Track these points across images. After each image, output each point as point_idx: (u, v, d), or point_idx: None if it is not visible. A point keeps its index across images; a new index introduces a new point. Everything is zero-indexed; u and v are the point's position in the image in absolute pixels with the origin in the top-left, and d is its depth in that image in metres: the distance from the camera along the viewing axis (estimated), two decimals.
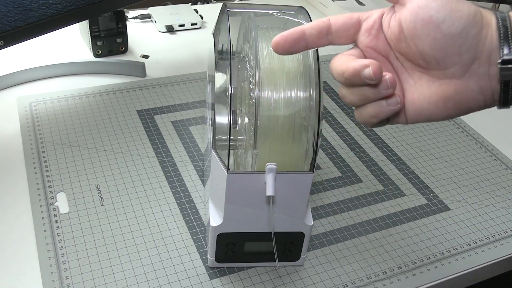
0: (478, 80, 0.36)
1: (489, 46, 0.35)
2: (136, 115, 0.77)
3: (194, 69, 0.89)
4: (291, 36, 0.39)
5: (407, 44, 0.37)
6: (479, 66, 0.35)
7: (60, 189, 0.63)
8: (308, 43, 0.39)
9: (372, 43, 0.39)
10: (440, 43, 0.35)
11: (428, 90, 0.37)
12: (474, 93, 0.36)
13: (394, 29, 0.37)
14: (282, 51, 0.39)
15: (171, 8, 1.06)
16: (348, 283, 0.56)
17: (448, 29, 0.34)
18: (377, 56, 0.39)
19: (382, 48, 0.39)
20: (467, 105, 0.37)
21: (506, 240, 0.63)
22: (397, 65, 0.39)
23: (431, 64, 0.36)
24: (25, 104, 0.77)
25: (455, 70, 0.36)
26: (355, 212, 0.65)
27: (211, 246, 0.53)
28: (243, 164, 0.50)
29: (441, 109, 0.37)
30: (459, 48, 0.35)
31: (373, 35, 0.39)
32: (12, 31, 0.66)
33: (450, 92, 0.36)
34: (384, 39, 0.39)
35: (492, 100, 0.36)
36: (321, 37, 0.39)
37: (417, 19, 0.35)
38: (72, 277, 0.53)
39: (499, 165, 0.75)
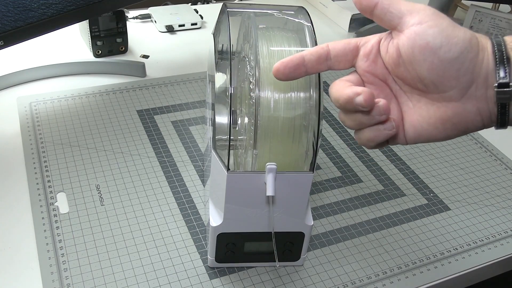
0: (475, 103, 0.37)
1: (485, 70, 0.36)
2: (136, 115, 0.77)
3: (194, 69, 0.89)
4: (291, 62, 0.40)
5: (405, 68, 0.37)
6: (476, 89, 0.36)
7: (60, 189, 0.63)
8: (308, 69, 0.40)
9: (370, 68, 0.40)
10: (437, 68, 0.36)
11: (427, 112, 0.38)
12: (472, 115, 0.37)
13: (392, 54, 0.38)
14: (283, 77, 0.40)
15: (171, 8, 1.06)
16: (348, 283, 0.56)
17: (445, 54, 0.35)
18: (375, 80, 0.40)
19: (380, 72, 0.40)
20: (465, 126, 0.38)
21: (506, 240, 0.63)
22: (395, 88, 0.40)
23: (430, 88, 0.37)
24: (25, 104, 0.77)
25: (453, 93, 0.37)
26: (355, 212, 0.65)
27: (211, 246, 0.53)
28: (243, 164, 0.50)
29: (439, 131, 0.38)
30: (456, 72, 0.36)
31: (371, 60, 0.40)
32: (12, 31, 0.66)
33: (448, 114, 0.37)
34: (382, 63, 0.40)
35: (490, 121, 0.37)
36: (320, 63, 0.40)
37: (415, 45, 0.36)
38: (72, 277, 0.53)
39: (499, 165, 0.75)
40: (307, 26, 0.49)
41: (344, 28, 1.08)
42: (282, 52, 0.47)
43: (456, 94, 0.37)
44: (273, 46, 0.47)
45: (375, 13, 0.38)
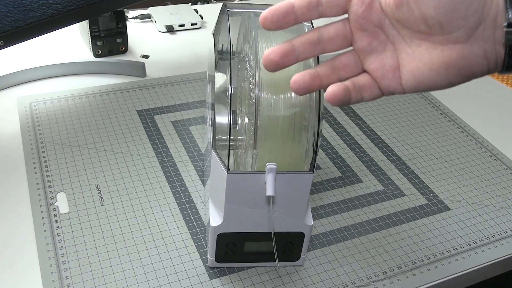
0: (483, 45, 0.35)
1: (495, 9, 0.34)
2: (136, 115, 0.77)
3: (194, 69, 0.89)
4: (279, 9, 0.37)
5: (409, 8, 0.35)
6: (484, 29, 0.34)
7: (60, 189, 0.63)
8: (298, 16, 0.38)
9: (365, 13, 0.38)
10: (445, 6, 0.34)
11: (429, 57, 0.36)
12: (478, 58, 0.35)
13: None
14: (271, 25, 0.38)
15: (171, 8, 1.06)
16: (348, 283, 0.56)
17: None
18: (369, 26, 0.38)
19: (376, 17, 0.38)
20: (470, 70, 0.36)
21: (506, 240, 0.63)
22: (392, 33, 0.38)
23: (434, 29, 0.35)
24: (25, 104, 0.77)
25: (459, 34, 0.35)
26: (355, 212, 0.65)
27: (211, 246, 0.53)
28: (243, 164, 0.50)
29: (442, 76, 0.36)
30: (465, 11, 0.34)
31: (366, 4, 0.37)
32: (12, 31, 0.66)
33: (453, 57, 0.35)
34: (379, 7, 0.37)
35: (495, 65, 0.36)
36: (311, 9, 0.38)
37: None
38: (72, 277, 0.53)
39: (499, 165, 0.75)
40: (307, 26, 0.49)
41: None
42: None
43: (463, 35, 0.35)
44: (273, 46, 0.47)
45: None
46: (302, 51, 0.39)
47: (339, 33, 0.39)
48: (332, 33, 0.39)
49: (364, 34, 0.38)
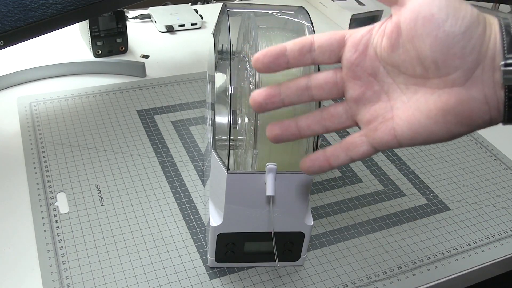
0: (482, 88, 0.33)
1: (492, 49, 0.32)
2: (136, 115, 0.77)
3: (194, 69, 0.89)
4: (271, 51, 0.37)
5: (404, 49, 0.34)
6: (483, 71, 0.33)
7: (60, 189, 0.63)
8: (290, 60, 0.37)
9: (359, 60, 0.37)
10: (442, 44, 0.32)
11: (426, 103, 0.35)
12: (477, 103, 0.33)
13: (390, 35, 0.35)
14: (262, 66, 0.37)
15: (171, 8, 1.06)
16: (348, 283, 0.56)
17: (451, 28, 0.32)
18: (363, 75, 0.37)
19: (369, 65, 0.37)
20: (470, 117, 0.34)
21: (506, 240, 0.63)
22: (387, 82, 0.37)
23: (430, 71, 0.34)
24: (25, 104, 0.77)
25: (456, 76, 0.33)
26: (355, 212, 0.65)
27: (211, 246, 0.53)
28: (243, 164, 0.50)
29: (440, 125, 0.34)
30: (462, 50, 0.32)
31: (360, 51, 0.37)
32: (12, 31, 0.66)
33: (451, 103, 0.33)
34: (373, 54, 0.36)
35: (497, 112, 0.33)
36: (303, 54, 0.37)
37: (418, 18, 0.33)
38: (72, 277, 0.53)
39: (499, 165, 0.75)
40: (307, 26, 0.49)
41: (344, 28, 1.08)
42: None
43: (461, 77, 0.33)
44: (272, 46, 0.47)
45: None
46: (288, 95, 0.39)
47: (328, 80, 0.38)
48: (321, 80, 0.38)
49: (357, 83, 0.37)
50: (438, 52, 0.33)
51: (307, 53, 0.37)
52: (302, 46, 0.37)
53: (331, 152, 0.39)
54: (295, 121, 0.39)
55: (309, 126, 0.39)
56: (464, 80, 0.33)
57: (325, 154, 0.39)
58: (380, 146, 0.37)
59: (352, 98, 0.38)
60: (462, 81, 0.33)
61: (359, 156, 0.38)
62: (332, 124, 0.39)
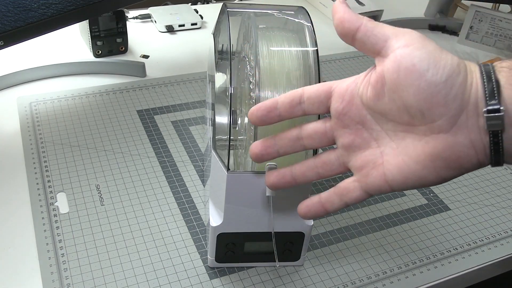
0: (468, 133, 0.34)
1: (475, 96, 0.33)
2: (136, 115, 0.77)
3: (194, 69, 0.89)
4: (264, 105, 0.40)
5: (390, 98, 0.35)
6: (467, 117, 0.34)
7: (60, 189, 0.63)
8: (281, 112, 0.40)
9: (346, 110, 0.38)
10: (424, 93, 0.33)
11: (414, 150, 0.36)
12: (464, 148, 0.34)
13: (375, 85, 0.36)
14: (256, 120, 0.40)
15: (171, 8, 1.06)
16: (348, 283, 0.56)
17: (433, 77, 0.33)
18: (351, 123, 0.38)
19: (357, 113, 0.38)
20: (458, 162, 0.35)
21: (506, 240, 0.63)
22: (376, 129, 0.38)
23: (417, 118, 0.35)
24: (25, 104, 0.77)
25: (442, 123, 0.34)
26: (355, 212, 0.65)
27: (211, 246, 0.53)
28: (243, 164, 0.50)
29: (429, 170, 0.36)
30: (445, 98, 0.33)
31: (346, 101, 0.38)
32: (12, 31, 0.66)
33: (438, 149, 0.35)
34: (359, 103, 0.38)
35: (484, 155, 0.34)
36: (293, 106, 0.40)
37: (401, 68, 0.34)
38: (72, 277, 0.53)
39: None
40: (307, 26, 0.49)
41: None
42: (282, 52, 0.47)
43: (446, 123, 0.34)
44: (273, 46, 0.47)
45: (357, 37, 0.36)
46: (282, 146, 0.41)
47: (317, 130, 0.40)
48: (310, 130, 0.40)
49: (346, 131, 0.39)
50: (421, 100, 0.34)
51: (297, 105, 0.40)
52: (292, 99, 0.40)
53: (326, 198, 0.41)
54: (290, 170, 0.42)
55: (304, 174, 0.41)
56: (449, 126, 0.34)
57: (320, 200, 0.41)
58: (373, 191, 0.39)
59: (342, 146, 0.40)
60: (447, 127, 0.34)
61: (353, 201, 0.40)
62: (324, 172, 0.41)
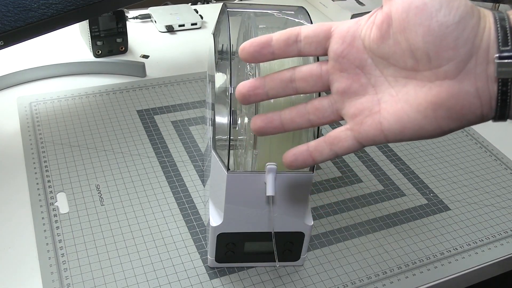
0: (474, 81, 0.32)
1: (486, 41, 0.31)
2: (136, 115, 0.77)
3: (194, 69, 0.89)
4: (257, 40, 0.37)
5: (395, 40, 0.33)
6: (476, 64, 0.32)
7: (60, 189, 0.63)
8: (275, 50, 0.37)
9: (346, 52, 0.36)
10: (434, 34, 0.31)
11: (415, 96, 0.34)
12: (469, 97, 0.32)
13: (380, 26, 0.34)
14: (247, 56, 0.38)
15: (171, 8, 1.06)
16: (348, 283, 0.56)
17: (445, 18, 0.31)
18: (350, 67, 0.36)
19: (357, 57, 0.36)
20: (461, 112, 0.33)
21: (506, 240, 0.63)
22: (375, 75, 0.36)
23: (422, 63, 0.33)
24: (25, 104, 0.77)
25: (448, 68, 0.32)
26: (355, 212, 0.65)
27: (211, 246, 0.53)
28: (243, 164, 0.50)
29: (430, 119, 0.33)
30: (455, 40, 0.31)
31: (347, 43, 0.36)
32: (12, 31, 0.66)
33: (442, 96, 0.32)
34: (361, 46, 0.36)
35: (489, 107, 0.33)
36: (289, 44, 0.37)
37: (411, 7, 0.32)
38: (72, 277, 0.53)
39: (499, 165, 0.75)
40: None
41: None
42: None
43: (453, 69, 0.32)
44: None
45: None
46: (272, 88, 0.38)
47: (312, 72, 0.38)
48: (305, 73, 0.38)
49: (344, 76, 0.37)
50: (430, 43, 0.32)
51: (293, 44, 0.37)
52: (288, 37, 0.37)
53: (314, 146, 0.39)
54: (278, 114, 0.39)
55: (293, 119, 0.39)
56: (456, 72, 0.32)
57: (309, 149, 0.39)
58: (366, 141, 0.37)
59: (337, 91, 0.37)
60: (454, 73, 0.32)
61: (344, 151, 0.38)
62: (316, 118, 0.39)
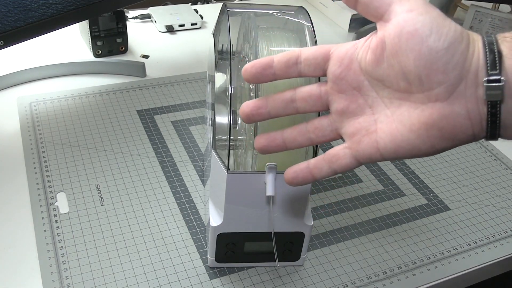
0: (465, 103, 0.33)
1: (475, 65, 0.33)
2: (136, 115, 0.77)
3: (194, 69, 0.89)
4: (259, 62, 0.39)
5: (389, 63, 0.35)
6: (466, 87, 0.33)
7: (60, 189, 0.63)
8: (276, 71, 0.39)
9: (344, 74, 0.38)
10: (425, 59, 0.33)
11: (409, 117, 0.35)
12: (460, 118, 0.34)
13: (375, 49, 0.36)
14: (250, 77, 0.39)
15: (171, 8, 1.06)
16: (348, 283, 0.56)
17: (435, 43, 0.33)
18: (347, 88, 0.38)
19: (354, 79, 0.38)
20: (453, 132, 0.34)
21: (506, 240, 0.63)
22: (372, 96, 0.37)
23: (414, 85, 0.34)
24: (25, 104, 0.77)
25: (440, 91, 0.34)
26: (355, 212, 0.65)
27: (211, 246, 0.53)
28: (243, 164, 0.50)
29: (423, 138, 0.35)
30: (445, 65, 0.33)
31: (344, 65, 0.38)
32: (12, 31, 0.66)
33: (434, 117, 0.34)
34: (357, 69, 0.37)
35: (480, 128, 0.34)
36: (289, 66, 0.39)
37: (402, 33, 0.33)
38: (72, 277, 0.53)
39: (499, 165, 0.75)
40: (307, 26, 0.49)
41: (344, 28, 1.08)
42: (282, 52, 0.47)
43: (443, 92, 0.33)
44: (273, 46, 0.47)
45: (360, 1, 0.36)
46: (273, 108, 0.40)
47: (312, 93, 0.40)
48: (305, 93, 0.40)
49: (342, 97, 0.38)
50: (421, 66, 0.33)
51: (293, 66, 0.39)
52: (288, 59, 0.39)
53: (314, 164, 0.40)
54: (281, 134, 0.41)
55: (294, 138, 0.41)
56: (447, 95, 0.34)
57: (309, 166, 0.40)
58: (363, 159, 0.38)
59: (336, 111, 0.39)
60: (445, 96, 0.34)
61: (342, 168, 0.39)
62: (316, 137, 0.40)
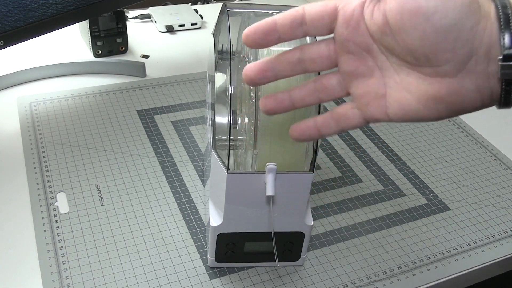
0: (475, 79, 0.31)
1: (488, 40, 0.30)
2: (136, 115, 0.77)
3: (194, 69, 0.89)
4: (261, 28, 0.35)
5: (393, 38, 0.32)
6: (476, 63, 0.31)
7: (60, 189, 0.63)
8: (281, 35, 0.36)
9: (351, 36, 0.35)
10: (430, 38, 0.30)
11: (417, 89, 0.33)
12: (470, 93, 0.32)
13: (378, 22, 0.32)
14: (253, 43, 0.36)
15: (171, 8, 1.06)
16: (348, 283, 0.56)
17: (440, 21, 0.30)
18: (356, 50, 0.35)
19: (363, 40, 0.35)
20: (461, 106, 0.33)
21: (506, 240, 0.63)
22: (381, 59, 0.35)
23: (421, 61, 0.32)
24: (25, 104, 0.77)
25: (448, 68, 0.31)
26: (355, 212, 0.65)
27: (211, 246, 0.53)
28: (243, 164, 0.50)
29: (431, 110, 0.33)
30: (453, 43, 0.30)
31: (352, 27, 0.34)
32: (12, 31, 0.66)
33: (442, 92, 0.32)
34: (366, 30, 0.34)
35: (490, 99, 0.32)
36: (294, 27, 0.35)
37: (404, 10, 0.30)
38: (72, 277, 0.53)
39: (499, 165, 0.75)
40: None
41: None
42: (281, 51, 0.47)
43: (452, 69, 0.31)
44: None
45: None
46: (280, 70, 0.37)
47: (321, 54, 0.37)
48: (313, 54, 0.37)
49: (351, 58, 0.36)
50: (427, 46, 0.31)
51: (299, 27, 0.36)
52: (292, 20, 0.35)
53: (321, 122, 0.39)
54: (288, 94, 0.39)
55: (303, 99, 0.39)
56: (456, 72, 0.31)
57: (316, 125, 0.39)
58: (372, 120, 0.37)
59: (345, 72, 0.37)
60: (454, 73, 0.31)
61: (351, 127, 0.38)
62: (325, 96, 0.39)
